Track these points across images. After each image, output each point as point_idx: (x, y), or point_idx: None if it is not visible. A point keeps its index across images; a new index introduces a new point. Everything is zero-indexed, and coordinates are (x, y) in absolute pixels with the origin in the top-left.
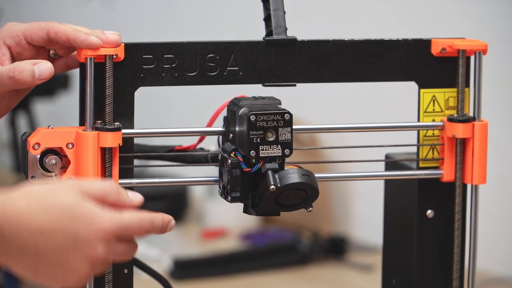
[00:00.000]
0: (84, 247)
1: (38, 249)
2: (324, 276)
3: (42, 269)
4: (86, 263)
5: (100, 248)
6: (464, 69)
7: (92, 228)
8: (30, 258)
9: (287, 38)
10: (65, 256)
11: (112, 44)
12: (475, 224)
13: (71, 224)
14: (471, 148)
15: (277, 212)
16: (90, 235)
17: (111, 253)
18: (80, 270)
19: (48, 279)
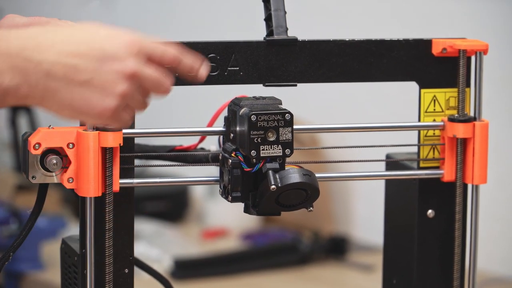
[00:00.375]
0: (113, 60)
1: (68, 71)
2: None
3: (76, 93)
4: (119, 77)
5: (128, 60)
6: (464, 69)
7: (117, 41)
8: (61, 84)
9: (287, 38)
10: (96, 73)
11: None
12: (476, 224)
13: (98, 42)
14: (471, 148)
15: (278, 212)
16: (117, 48)
17: (142, 70)
18: (114, 86)
19: (85, 103)
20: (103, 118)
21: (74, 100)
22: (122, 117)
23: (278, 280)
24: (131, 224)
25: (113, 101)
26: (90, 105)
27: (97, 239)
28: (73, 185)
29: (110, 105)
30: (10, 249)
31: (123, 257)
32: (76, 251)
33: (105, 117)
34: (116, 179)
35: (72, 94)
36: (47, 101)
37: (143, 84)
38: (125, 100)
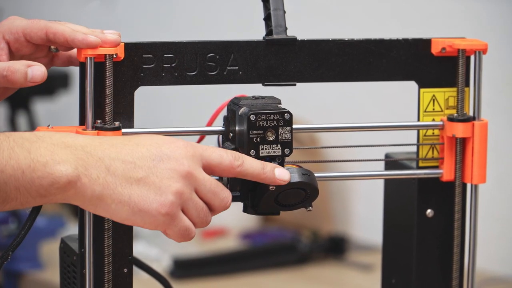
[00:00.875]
0: (169, 159)
1: (126, 167)
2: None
3: (133, 190)
4: (174, 175)
5: (186, 162)
6: (464, 68)
7: (175, 144)
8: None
9: (287, 37)
10: (152, 170)
11: (111, 43)
12: (475, 224)
13: (156, 145)
14: (471, 148)
15: (277, 211)
16: (174, 149)
17: (198, 172)
18: (170, 184)
19: (142, 199)
20: (159, 217)
21: (131, 197)
22: (181, 222)
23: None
24: None
25: (168, 198)
26: (147, 202)
27: (96, 239)
28: None
29: (166, 202)
30: (9, 248)
31: (122, 256)
32: (75, 250)
33: (161, 215)
34: None
35: (130, 190)
36: (106, 198)
37: (200, 188)
38: (181, 200)
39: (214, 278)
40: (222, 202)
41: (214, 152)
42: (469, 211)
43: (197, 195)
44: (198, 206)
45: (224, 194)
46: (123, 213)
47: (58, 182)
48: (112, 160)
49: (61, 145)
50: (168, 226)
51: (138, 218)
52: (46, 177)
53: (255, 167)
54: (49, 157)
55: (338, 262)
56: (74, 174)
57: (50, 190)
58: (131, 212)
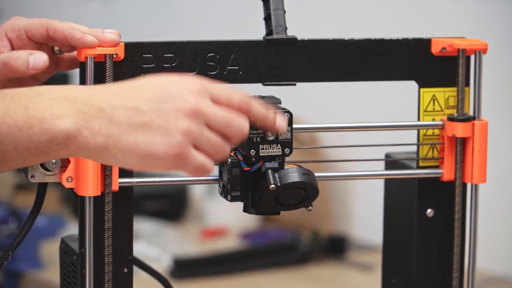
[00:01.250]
0: (173, 99)
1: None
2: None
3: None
4: (180, 114)
5: (189, 97)
6: (464, 68)
7: (180, 83)
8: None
9: (287, 37)
10: (157, 113)
11: (109, 43)
12: (475, 223)
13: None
14: (471, 147)
15: (277, 211)
16: (179, 88)
17: (206, 107)
18: (176, 124)
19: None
20: (169, 159)
21: (137, 143)
22: (194, 160)
23: (277, 280)
24: (130, 223)
25: (176, 139)
26: (154, 146)
27: (96, 239)
28: (72, 184)
29: (174, 143)
30: (9, 248)
31: (122, 256)
32: (75, 250)
33: (171, 157)
34: (115, 178)
35: (135, 137)
36: (111, 148)
37: (211, 122)
38: (190, 138)
39: (214, 278)
40: (238, 132)
41: (222, 91)
42: (469, 211)
43: (210, 129)
44: (211, 140)
45: (238, 123)
46: (131, 160)
47: (57, 138)
48: (113, 109)
49: (61, 99)
50: (181, 165)
51: (148, 162)
52: (44, 133)
53: (261, 111)
54: (47, 113)
55: (338, 262)
56: (74, 129)
57: (51, 146)
58: (139, 158)
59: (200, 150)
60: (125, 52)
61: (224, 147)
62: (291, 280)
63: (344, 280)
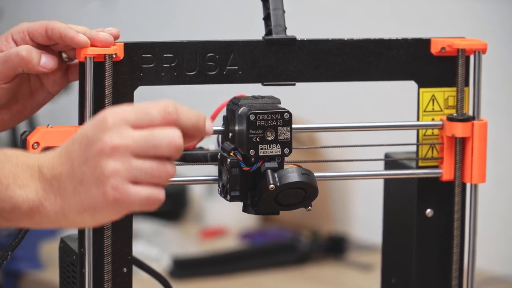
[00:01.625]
0: (92, 142)
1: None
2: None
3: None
4: (101, 158)
5: (107, 137)
6: (463, 68)
7: (93, 121)
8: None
9: (286, 37)
10: (86, 165)
11: (101, 42)
12: (475, 223)
13: (84, 134)
14: (470, 147)
15: (277, 211)
16: (92, 128)
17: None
18: (101, 170)
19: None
20: (112, 206)
21: (82, 203)
22: (136, 196)
23: (276, 279)
24: (130, 223)
25: (107, 183)
26: (93, 199)
27: (95, 238)
28: None
29: (107, 190)
30: (8, 248)
31: (121, 256)
32: (74, 250)
33: (112, 204)
34: None
35: (79, 197)
36: (67, 215)
37: (136, 151)
38: (120, 177)
39: (214, 278)
40: (169, 145)
41: (139, 110)
42: (469, 211)
43: (139, 158)
44: (145, 169)
45: (165, 138)
46: (86, 220)
47: (20, 207)
48: (59, 178)
49: (24, 166)
50: (126, 207)
51: (100, 216)
52: (8, 200)
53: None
54: (11, 180)
55: (337, 262)
56: (35, 199)
57: (14, 215)
58: (91, 216)
59: (140, 183)
60: (124, 52)
61: (163, 168)
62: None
63: (343, 280)
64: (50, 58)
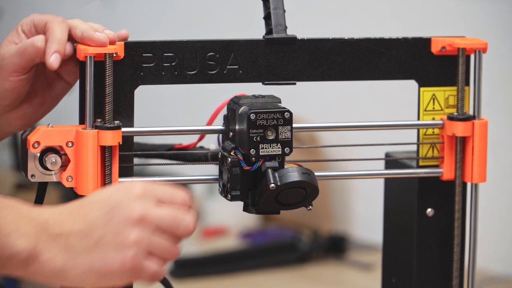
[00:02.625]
0: (119, 209)
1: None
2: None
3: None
4: (127, 225)
5: (137, 205)
6: (464, 67)
7: (122, 189)
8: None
9: (287, 36)
10: (107, 227)
11: (97, 43)
12: (475, 223)
13: (107, 196)
14: (471, 147)
15: (277, 210)
16: (122, 196)
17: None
18: (126, 236)
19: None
20: (125, 273)
21: (92, 264)
22: (148, 269)
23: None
24: None
25: (129, 251)
26: (108, 264)
27: None
28: (72, 183)
29: (127, 258)
30: None
31: None
32: None
33: (126, 271)
34: (115, 178)
35: (90, 258)
36: (68, 273)
37: (159, 226)
38: (141, 247)
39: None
40: (186, 230)
41: (166, 191)
42: (469, 210)
43: (158, 233)
44: (162, 245)
45: (185, 221)
46: (90, 280)
47: (18, 255)
48: (68, 235)
49: (27, 218)
50: (136, 277)
51: (105, 280)
52: (7, 248)
53: None
54: (13, 228)
55: (338, 261)
56: (35, 250)
57: (10, 263)
58: (97, 278)
59: (153, 256)
60: (125, 51)
61: (174, 249)
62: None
63: (344, 279)
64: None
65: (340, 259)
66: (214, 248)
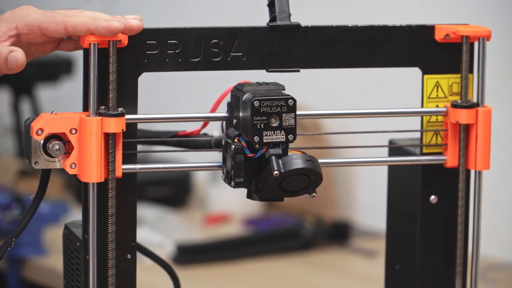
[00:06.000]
0: None
1: None
2: (327, 261)
3: None
4: None
5: None
6: (467, 55)
7: None
8: None
9: (290, 24)
10: None
11: (136, 30)
12: (479, 210)
13: None
14: (474, 134)
15: (281, 197)
16: None
17: None
18: None
19: None
20: None
21: None
22: None
23: (280, 265)
24: (134, 209)
25: None
26: None
27: (99, 225)
28: (75, 170)
29: None
30: (12, 234)
31: (125, 242)
32: (78, 237)
33: None
34: (119, 165)
35: None
36: None
37: None
38: None
39: (218, 264)
40: None
41: None
42: (473, 198)
43: None
44: None
45: None
46: None
47: None
48: None
49: None
50: None
51: None
52: None
53: None
54: None
55: (341, 248)
56: None
57: None
58: None
59: None
60: (128, 38)
61: None
62: (295, 266)
63: (347, 266)
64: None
65: (344, 246)
66: (217, 235)
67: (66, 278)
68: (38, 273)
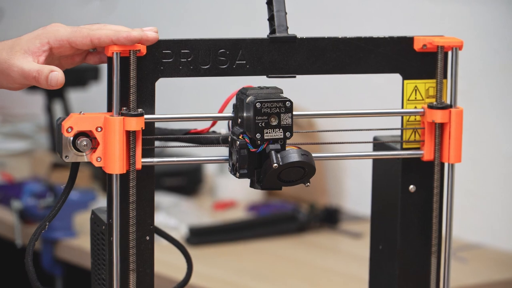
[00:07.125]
0: None
1: None
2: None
3: None
4: None
5: None
6: (442, 62)
7: None
8: None
9: (288, 35)
10: None
11: (152, 41)
12: (451, 198)
13: None
14: (448, 132)
15: (279, 186)
16: None
17: None
18: None
19: None
20: None
21: None
22: None
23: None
24: (152, 197)
25: None
26: None
27: (122, 211)
28: (101, 163)
29: None
30: (46, 219)
31: (144, 226)
32: (104, 221)
33: None
34: (139, 158)
35: None
36: None
37: None
38: None
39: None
40: None
41: None
42: (446, 187)
43: None
44: None
45: None
46: None
47: None
48: None
49: None
50: None
51: None
52: None
53: None
54: None
55: (332, 230)
56: None
57: None
58: None
59: None
60: (146, 48)
61: None
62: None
63: (337, 246)
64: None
65: (334, 228)
66: (224, 219)
67: (93, 257)
68: (68, 253)
